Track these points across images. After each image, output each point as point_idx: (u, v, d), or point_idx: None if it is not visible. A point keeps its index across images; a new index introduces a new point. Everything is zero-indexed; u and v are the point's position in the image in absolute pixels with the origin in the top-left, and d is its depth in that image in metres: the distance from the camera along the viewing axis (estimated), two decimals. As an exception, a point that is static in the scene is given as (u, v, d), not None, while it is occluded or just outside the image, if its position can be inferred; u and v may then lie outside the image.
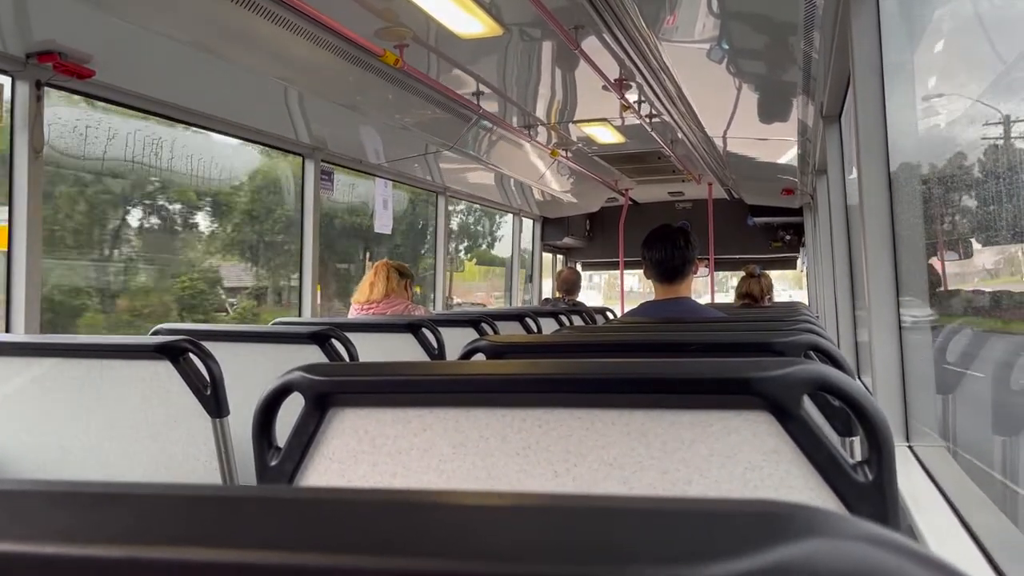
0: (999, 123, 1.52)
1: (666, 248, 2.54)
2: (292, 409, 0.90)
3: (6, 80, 2.64)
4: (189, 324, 2.08)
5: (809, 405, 0.76)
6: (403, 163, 5.15)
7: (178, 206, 4.42)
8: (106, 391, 1.63)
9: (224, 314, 4.70)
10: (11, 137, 2.65)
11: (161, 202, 4.29)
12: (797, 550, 0.24)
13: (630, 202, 7.97)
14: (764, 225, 8.13)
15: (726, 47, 3.30)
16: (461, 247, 8.18)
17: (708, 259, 7.66)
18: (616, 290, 9.40)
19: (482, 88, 4.04)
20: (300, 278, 4.32)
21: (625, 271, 8.37)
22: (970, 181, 1.77)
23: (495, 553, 0.26)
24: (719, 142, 5.35)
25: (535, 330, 3.11)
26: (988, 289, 1.86)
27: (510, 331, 3.00)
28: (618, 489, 0.80)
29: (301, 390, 0.89)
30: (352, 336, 1.96)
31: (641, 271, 2.75)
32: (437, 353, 2.40)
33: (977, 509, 1.32)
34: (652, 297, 2.67)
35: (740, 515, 0.26)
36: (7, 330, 2.63)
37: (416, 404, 0.87)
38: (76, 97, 3.10)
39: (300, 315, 4.26)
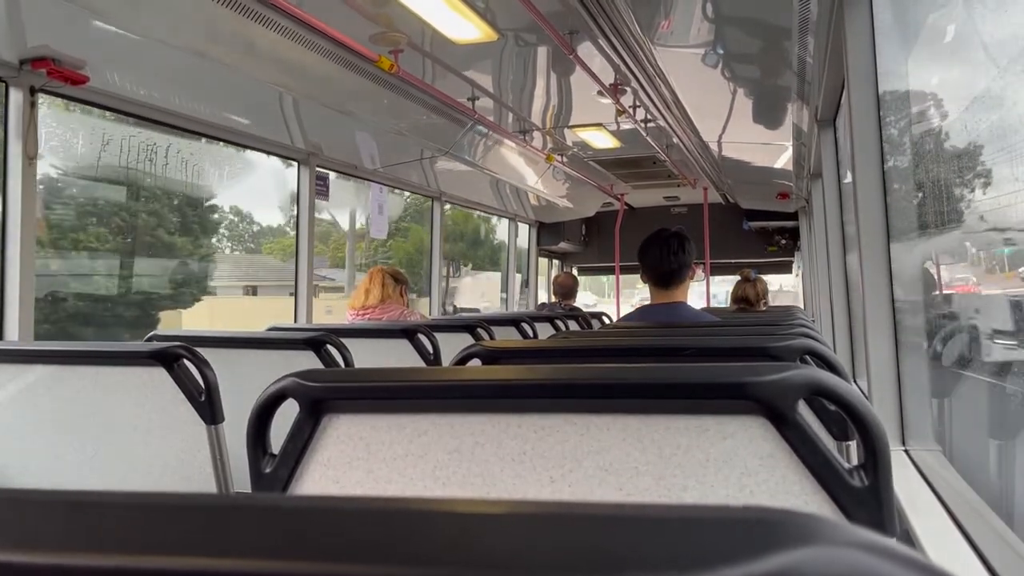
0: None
1: (662, 253, 2.54)
2: (287, 415, 0.90)
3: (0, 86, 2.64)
4: (183, 330, 2.07)
5: (805, 409, 0.76)
6: (399, 168, 5.15)
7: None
8: (100, 398, 1.62)
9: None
10: (5, 143, 2.64)
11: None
12: (791, 558, 0.23)
13: (626, 207, 7.98)
14: (759, 229, 8.15)
15: (721, 52, 3.31)
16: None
17: (704, 263, 7.67)
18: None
19: (477, 93, 4.04)
20: (296, 283, 4.32)
21: (621, 275, 8.38)
22: (964, 183, 1.78)
23: (490, 561, 0.25)
24: (714, 147, 5.36)
25: (531, 335, 3.11)
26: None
27: (506, 336, 3.00)
28: (614, 495, 0.80)
29: (296, 396, 0.88)
30: (347, 342, 1.95)
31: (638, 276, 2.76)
32: (433, 359, 2.40)
33: (973, 513, 1.32)
34: None
35: (734, 522, 0.26)
36: (0, 337, 2.62)
37: (411, 410, 0.86)
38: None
39: (295, 321, 4.25)
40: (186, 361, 1.54)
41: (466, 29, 3.09)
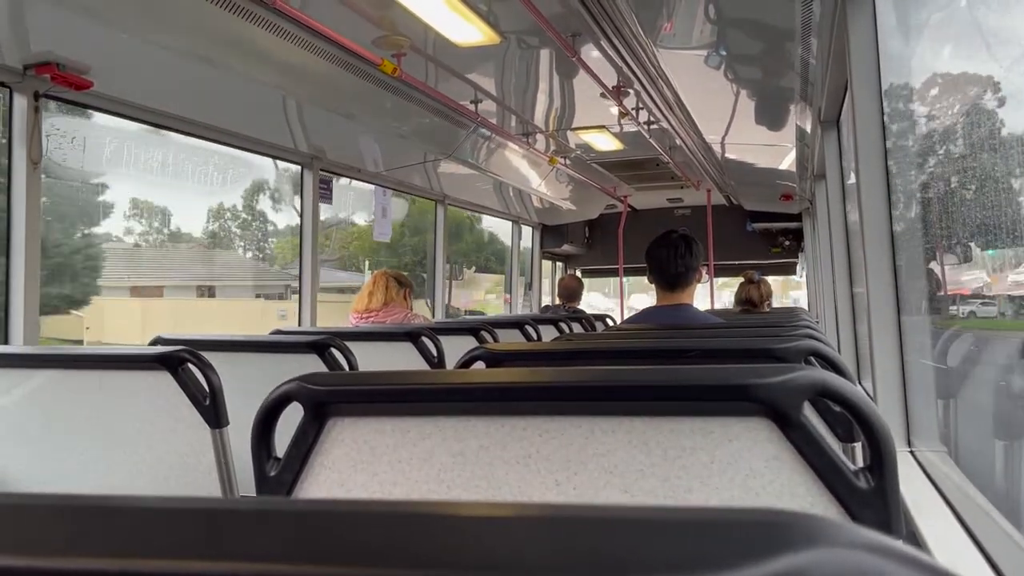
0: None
1: (670, 255, 2.54)
2: (292, 419, 0.90)
3: (3, 92, 2.64)
4: (188, 334, 2.08)
5: (810, 411, 0.76)
6: (402, 171, 5.15)
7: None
8: (104, 402, 1.62)
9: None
10: (9, 149, 2.65)
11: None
12: (798, 559, 0.23)
13: (629, 209, 7.98)
14: (763, 231, 8.13)
15: (723, 53, 3.31)
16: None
17: (708, 265, 7.66)
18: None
19: (480, 96, 4.04)
20: (300, 287, 4.32)
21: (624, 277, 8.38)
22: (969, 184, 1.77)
23: (496, 564, 0.25)
24: (717, 148, 5.35)
25: (535, 337, 3.11)
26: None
27: (510, 339, 3.00)
28: (619, 497, 0.80)
29: (300, 400, 0.89)
30: (351, 345, 1.96)
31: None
32: (437, 361, 2.40)
33: (979, 514, 1.31)
34: None
35: (741, 524, 0.26)
36: (5, 342, 2.63)
37: (416, 413, 0.86)
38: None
39: (299, 325, 4.26)
40: (190, 365, 1.54)
41: (469, 32, 3.09)
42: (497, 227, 7.84)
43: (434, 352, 2.41)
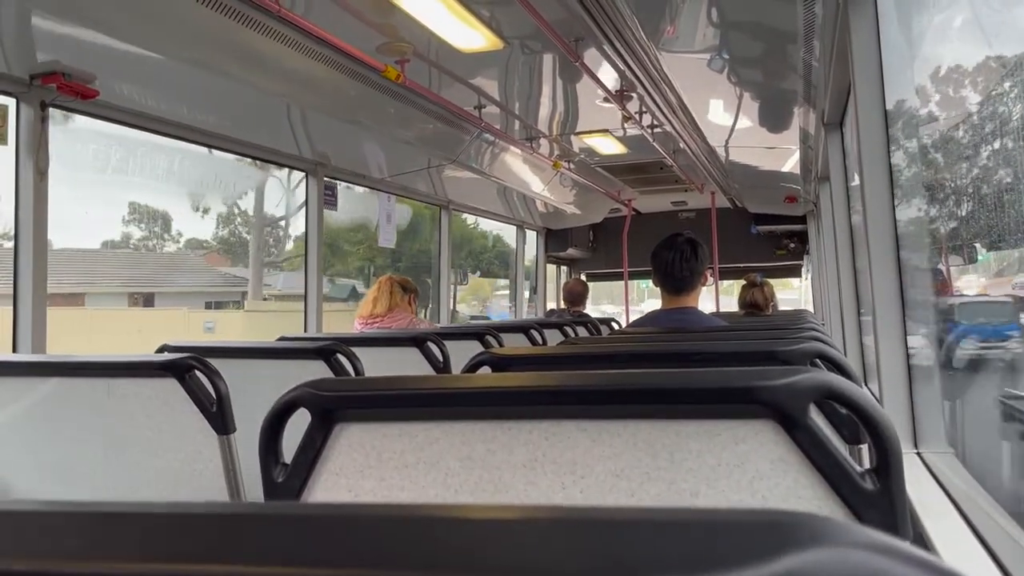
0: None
1: (674, 259, 2.54)
2: (299, 425, 0.90)
3: (10, 102, 2.65)
4: (195, 341, 2.08)
5: (816, 413, 0.76)
6: (406, 177, 5.16)
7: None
8: (112, 409, 1.63)
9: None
10: (16, 159, 2.66)
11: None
12: (805, 559, 0.24)
13: (633, 212, 7.98)
14: (768, 233, 8.12)
15: (726, 57, 3.31)
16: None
17: (712, 268, 7.64)
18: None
19: (483, 101, 4.05)
20: (305, 294, 4.33)
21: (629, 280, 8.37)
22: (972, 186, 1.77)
23: (504, 567, 0.26)
24: (721, 151, 5.35)
25: (540, 342, 3.11)
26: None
27: (515, 343, 2.99)
28: (625, 500, 0.80)
29: (307, 406, 0.89)
30: (357, 351, 1.96)
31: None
32: (442, 366, 2.40)
33: (987, 516, 1.31)
34: None
35: (748, 525, 0.26)
36: (13, 350, 2.64)
37: (422, 418, 0.87)
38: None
39: (304, 330, 4.26)
40: (197, 372, 1.54)
41: (472, 38, 3.10)
42: (491, 228, 7.74)
43: (440, 357, 2.41)
